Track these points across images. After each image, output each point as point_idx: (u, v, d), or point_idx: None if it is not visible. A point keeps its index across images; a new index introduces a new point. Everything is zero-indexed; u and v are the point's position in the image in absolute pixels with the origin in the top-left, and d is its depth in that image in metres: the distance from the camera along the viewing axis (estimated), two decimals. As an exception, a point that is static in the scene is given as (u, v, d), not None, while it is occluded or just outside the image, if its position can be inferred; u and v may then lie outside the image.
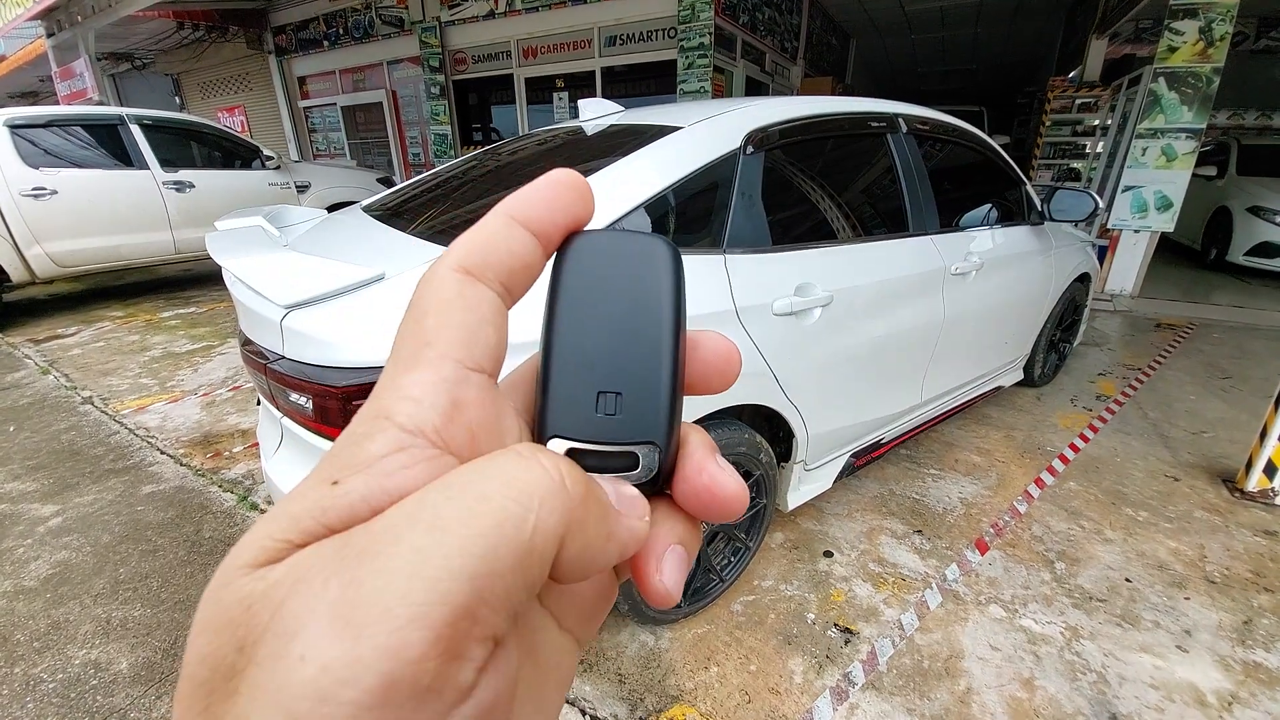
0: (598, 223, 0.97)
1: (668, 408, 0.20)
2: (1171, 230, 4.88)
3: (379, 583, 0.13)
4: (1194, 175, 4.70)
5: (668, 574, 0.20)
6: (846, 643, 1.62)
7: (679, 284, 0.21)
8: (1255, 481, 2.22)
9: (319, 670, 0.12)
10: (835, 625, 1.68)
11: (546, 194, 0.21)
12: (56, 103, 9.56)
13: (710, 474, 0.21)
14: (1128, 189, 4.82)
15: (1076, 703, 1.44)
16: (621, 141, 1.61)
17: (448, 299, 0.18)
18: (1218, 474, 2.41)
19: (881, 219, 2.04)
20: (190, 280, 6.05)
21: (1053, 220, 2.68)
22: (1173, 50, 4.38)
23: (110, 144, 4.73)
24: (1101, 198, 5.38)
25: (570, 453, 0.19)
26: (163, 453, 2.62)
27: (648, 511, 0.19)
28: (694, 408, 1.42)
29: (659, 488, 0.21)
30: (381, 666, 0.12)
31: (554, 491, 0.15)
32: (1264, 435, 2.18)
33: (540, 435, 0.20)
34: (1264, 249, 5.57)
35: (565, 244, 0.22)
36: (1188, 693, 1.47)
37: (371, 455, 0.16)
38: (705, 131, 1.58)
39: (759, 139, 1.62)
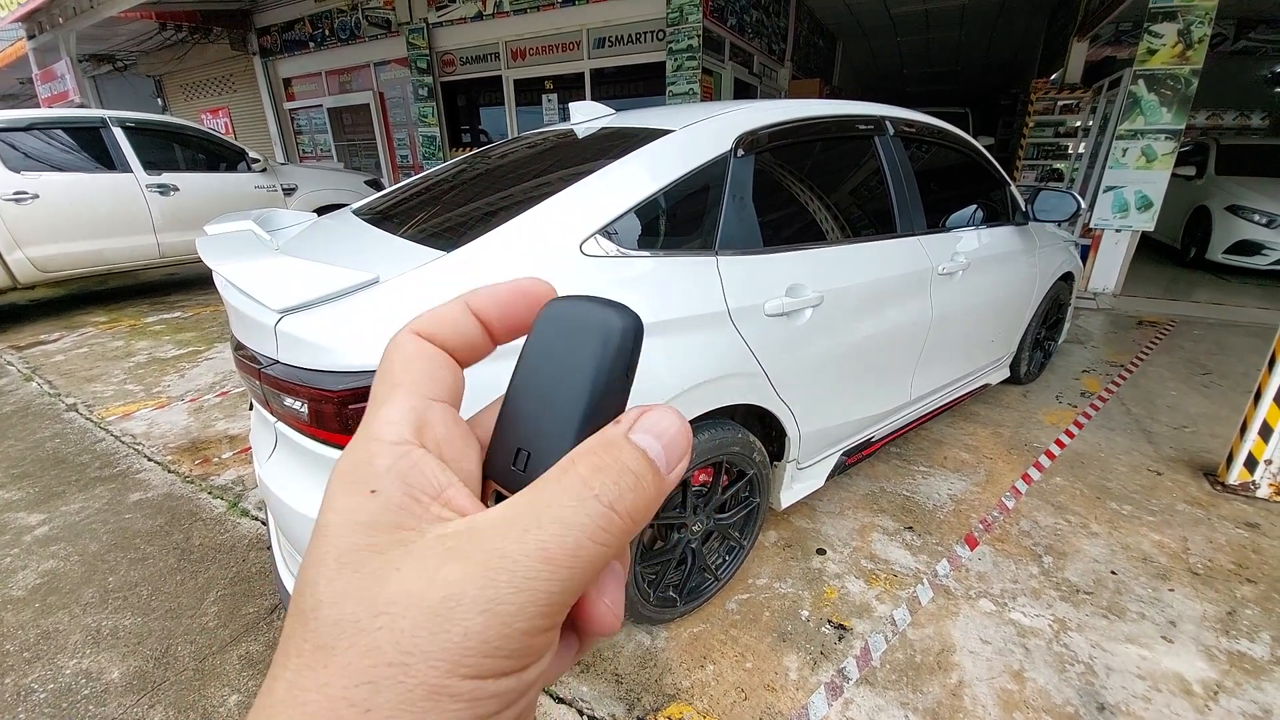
0: (594, 225, 0.98)
1: None
2: (1152, 229, 4.97)
3: (511, 595, 0.17)
4: (1173, 175, 4.80)
5: (609, 595, 0.21)
6: (840, 639, 1.64)
7: (620, 357, 0.22)
8: (1236, 475, 2.27)
9: (464, 634, 0.17)
10: (829, 622, 1.70)
11: (504, 298, 0.25)
12: (37, 105, 9.41)
13: (591, 600, 0.21)
14: (1109, 189, 4.91)
15: (1065, 693, 1.47)
16: (613, 145, 1.62)
17: (409, 353, 0.23)
18: (1199, 468, 2.46)
19: (870, 220, 2.07)
20: (175, 284, 5.98)
21: (1036, 220, 2.73)
22: (1152, 52, 4.47)
23: (92, 147, 4.66)
24: (1083, 198, 5.48)
25: (496, 495, 0.23)
26: (150, 460, 2.59)
27: (689, 442, 0.22)
28: (686, 408, 1.43)
29: None
30: (501, 632, 0.17)
31: (630, 532, 0.19)
32: (1244, 429, 2.23)
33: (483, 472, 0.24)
34: (1242, 247, 5.68)
35: (544, 307, 0.24)
36: (1174, 682, 1.50)
37: (381, 467, 0.20)
38: (696, 135, 1.59)
39: (749, 142, 1.64)
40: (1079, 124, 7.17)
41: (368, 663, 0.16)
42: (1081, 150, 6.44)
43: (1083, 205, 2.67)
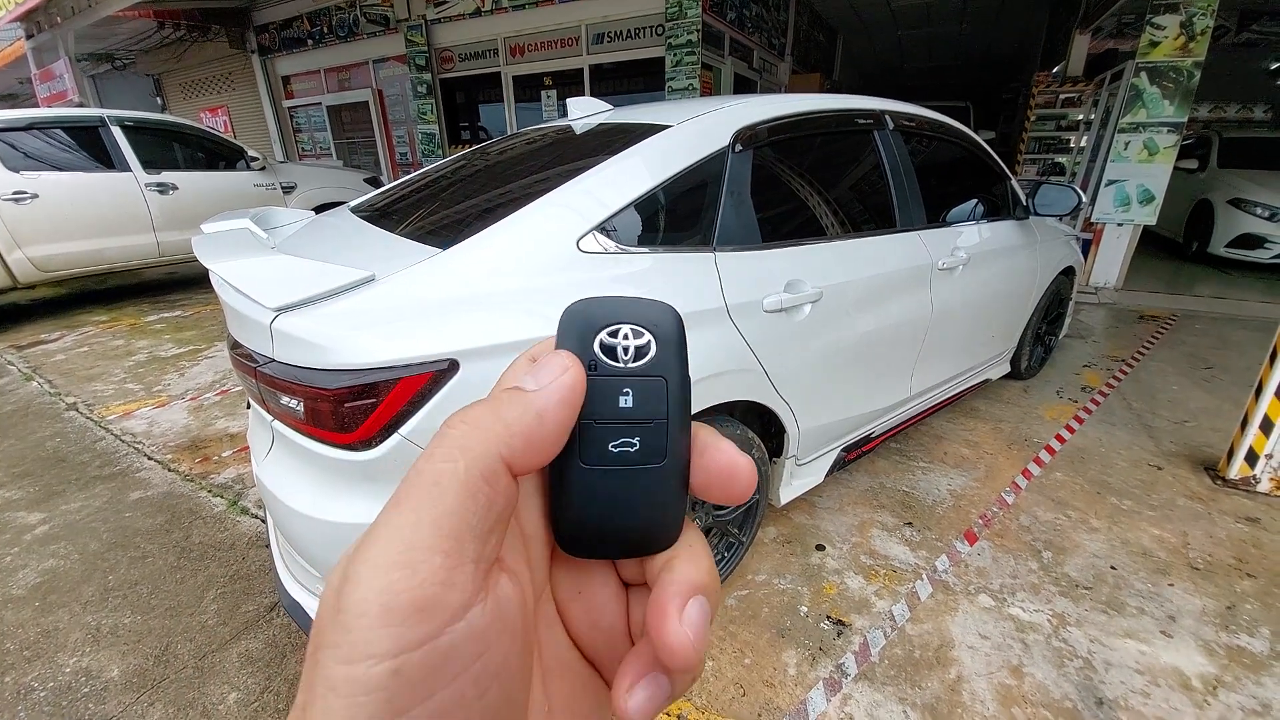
0: (592, 221, 0.98)
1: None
2: (1154, 223, 4.95)
3: (371, 550, 0.17)
4: (1176, 168, 4.77)
5: (691, 620, 0.21)
6: (839, 634, 1.64)
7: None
8: (1237, 469, 2.26)
9: (344, 613, 0.16)
10: (828, 618, 1.70)
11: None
12: (36, 105, 9.41)
13: (721, 450, 0.23)
14: (1111, 183, 4.89)
15: (1064, 688, 1.47)
16: (611, 140, 1.62)
17: (520, 364, 0.23)
18: (1200, 462, 2.46)
19: (869, 215, 2.06)
20: (174, 283, 5.98)
21: (1037, 215, 2.71)
22: (1154, 45, 4.44)
23: (91, 146, 4.66)
24: (1085, 192, 5.45)
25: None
26: (150, 458, 2.59)
27: (568, 365, 0.22)
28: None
29: (670, 465, 0.23)
30: (380, 599, 0.16)
31: (468, 434, 0.19)
32: (1245, 424, 2.23)
33: None
34: (1245, 240, 5.66)
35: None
36: (1173, 677, 1.50)
37: None
38: (694, 130, 1.58)
39: (748, 137, 1.63)
40: (1081, 117, 7.12)
41: (330, 641, 0.17)
42: (1083, 144, 6.40)
43: (1083, 199, 2.65)
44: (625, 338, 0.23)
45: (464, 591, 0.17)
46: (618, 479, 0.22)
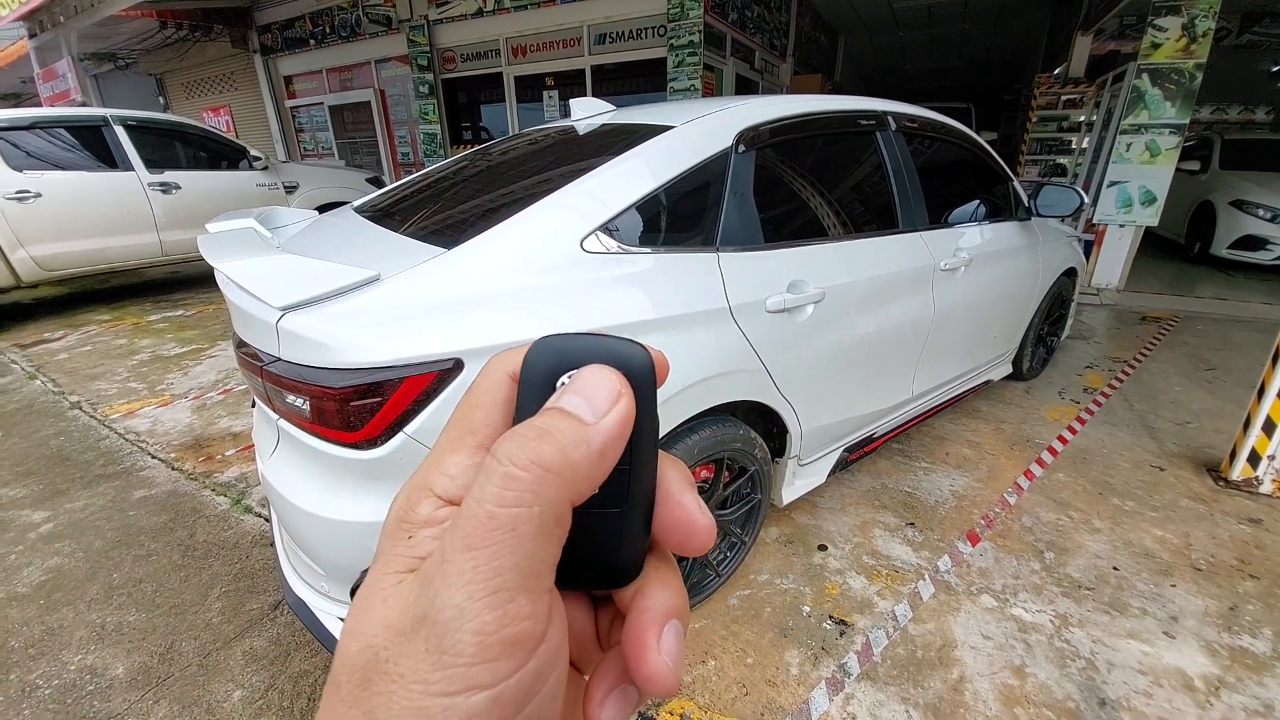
0: (595, 221, 0.98)
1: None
2: (1156, 224, 4.95)
3: (451, 593, 0.17)
4: (1177, 170, 4.77)
5: (667, 648, 0.21)
6: (841, 634, 1.64)
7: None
8: (1239, 470, 2.26)
9: (439, 654, 0.17)
10: (830, 617, 1.70)
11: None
12: (39, 104, 9.43)
13: (683, 507, 0.23)
14: (1113, 184, 4.89)
15: (1066, 689, 1.47)
16: (614, 141, 1.62)
17: (497, 400, 0.22)
18: (1202, 463, 2.46)
19: (872, 216, 2.06)
20: (177, 283, 5.99)
21: (1039, 216, 2.72)
22: (1156, 46, 4.44)
23: (94, 146, 4.67)
24: (1087, 193, 5.45)
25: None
26: (154, 457, 2.60)
27: (620, 388, 0.21)
28: (687, 405, 1.43)
29: (633, 511, 0.23)
30: (474, 640, 0.17)
31: (541, 479, 0.19)
32: (1248, 425, 2.23)
33: None
34: (1247, 242, 5.66)
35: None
36: (1175, 678, 1.50)
37: (421, 517, 0.21)
38: (697, 131, 1.59)
39: (750, 138, 1.63)
40: (1082, 119, 7.12)
41: (363, 693, 0.17)
42: (1085, 145, 6.41)
43: (1085, 200, 2.66)
44: None
45: (544, 621, 0.18)
46: (578, 522, 0.21)
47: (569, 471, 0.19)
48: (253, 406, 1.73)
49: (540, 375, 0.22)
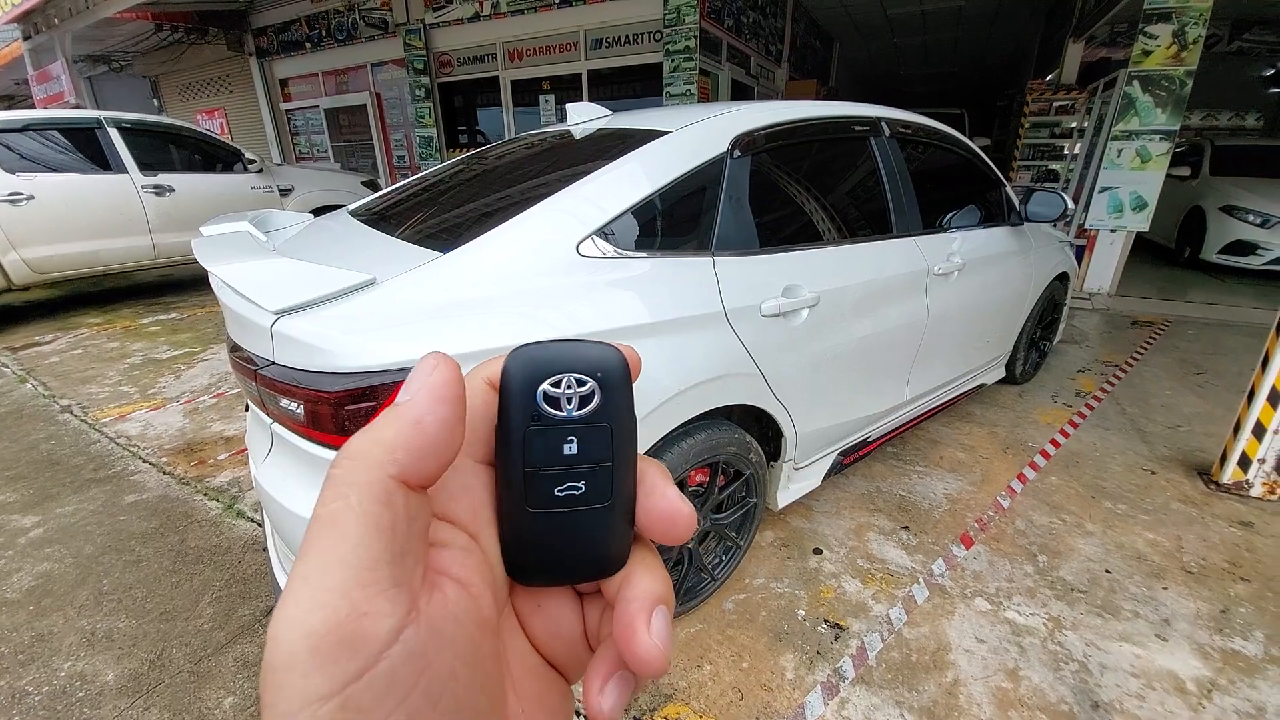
0: (591, 226, 0.99)
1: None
2: (1147, 230, 5.00)
3: (289, 602, 0.17)
4: (1168, 176, 4.82)
5: (657, 631, 0.22)
6: (836, 638, 1.64)
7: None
8: (1230, 474, 2.28)
9: (272, 672, 0.16)
10: (825, 621, 1.70)
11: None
12: (33, 106, 9.38)
13: (666, 497, 0.24)
14: (1104, 190, 4.93)
15: (1060, 692, 1.47)
16: (610, 146, 1.63)
17: (475, 406, 0.23)
18: (1193, 467, 2.47)
19: (866, 221, 2.07)
20: (170, 286, 5.96)
21: (1029, 221, 2.74)
22: (1147, 54, 4.49)
23: (88, 148, 4.65)
24: (1079, 199, 5.50)
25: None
26: (145, 461, 2.58)
27: (436, 364, 0.21)
28: (683, 409, 1.43)
29: (615, 500, 0.23)
30: (305, 643, 0.16)
31: (350, 469, 0.19)
32: (1238, 428, 2.25)
33: None
34: (1236, 247, 5.71)
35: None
36: (1168, 680, 1.51)
37: None
38: (693, 136, 1.60)
39: (746, 143, 1.64)
40: (1074, 125, 7.20)
41: (267, 684, 0.17)
42: (1077, 151, 6.47)
43: (1070, 206, 2.68)
44: (568, 387, 0.22)
45: (391, 616, 0.17)
46: (565, 519, 0.23)
47: (378, 450, 0.19)
48: (246, 411, 1.72)
49: (519, 382, 0.23)
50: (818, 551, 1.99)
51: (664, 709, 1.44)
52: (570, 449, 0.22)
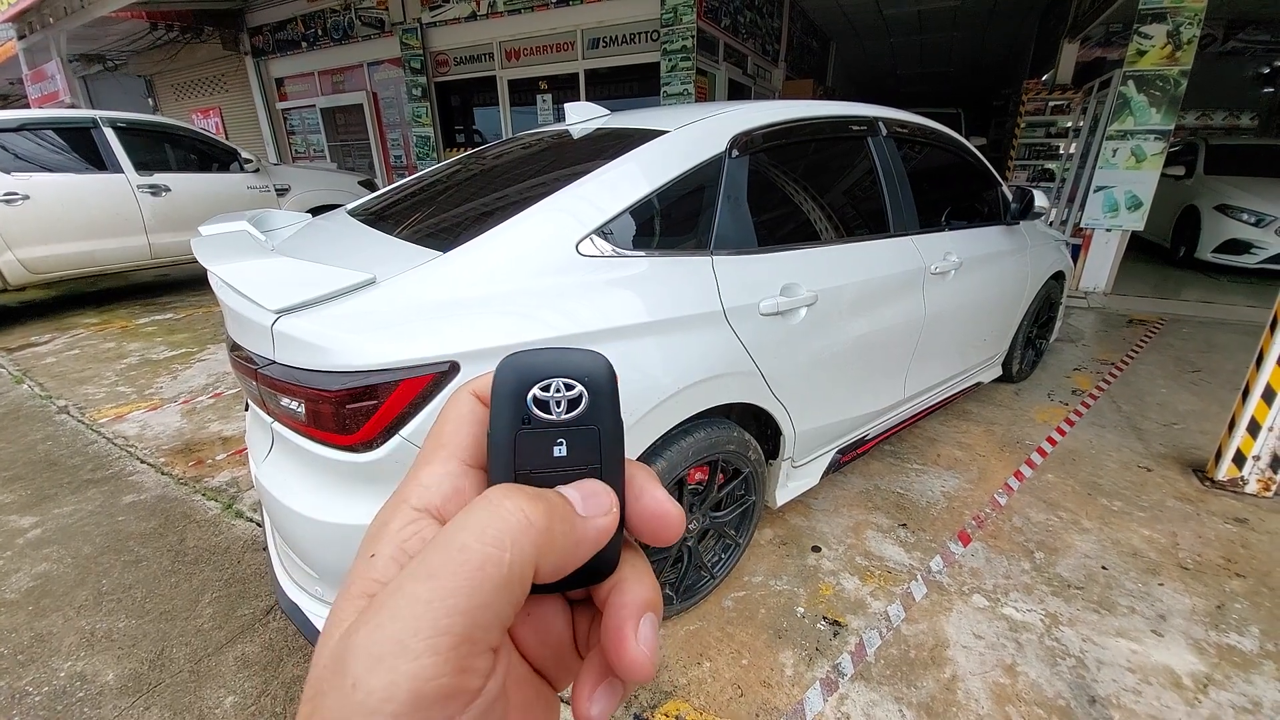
0: (590, 225, 0.99)
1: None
2: (1142, 229, 5.02)
3: (396, 626, 0.17)
4: (1163, 175, 4.84)
5: (644, 638, 0.22)
6: (835, 635, 1.65)
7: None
8: (1225, 471, 2.30)
9: (365, 694, 0.16)
10: (824, 618, 1.71)
11: None
12: (28, 106, 9.34)
13: (655, 498, 0.25)
14: (1099, 189, 4.95)
15: (1057, 687, 1.49)
16: (608, 145, 1.63)
17: (463, 414, 0.24)
18: (1189, 464, 2.49)
19: (863, 220, 2.08)
20: (166, 286, 5.94)
21: (1014, 220, 2.73)
22: (1142, 54, 4.51)
23: (83, 147, 4.63)
24: (1075, 198, 5.53)
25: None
26: (143, 462, 2.58)
27: (613, 505, 0.23)
28: (682, 407, 1.44)
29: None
30: (409, 685, 0.16)
31: (523, 529, 0.19)
32: (1232, 426, 2.26)
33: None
34: (1231, 246, 5.74)
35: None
36: (1164, 675, 1.52)
37: (392, 530, 0.21)
38: (691, 135, 1.60)
39: (743, 142, 1.65)
40: (1070, 124, 7.22)
41: (340, 716, 0.17)
42: (1072, 151, 6.49)
43: (1038, 201, 2.67)
44: (557, 391, 0.23)
45: (483, 676, 0.18)
46: None
47: (547, 537, 0.20)
48: (245, 410, 1.72)
49: (510, 387, 0.23)
50: (816, 549, 2.00)
51: (664, 706, 1.45)
52: (560, 451, 0.23)
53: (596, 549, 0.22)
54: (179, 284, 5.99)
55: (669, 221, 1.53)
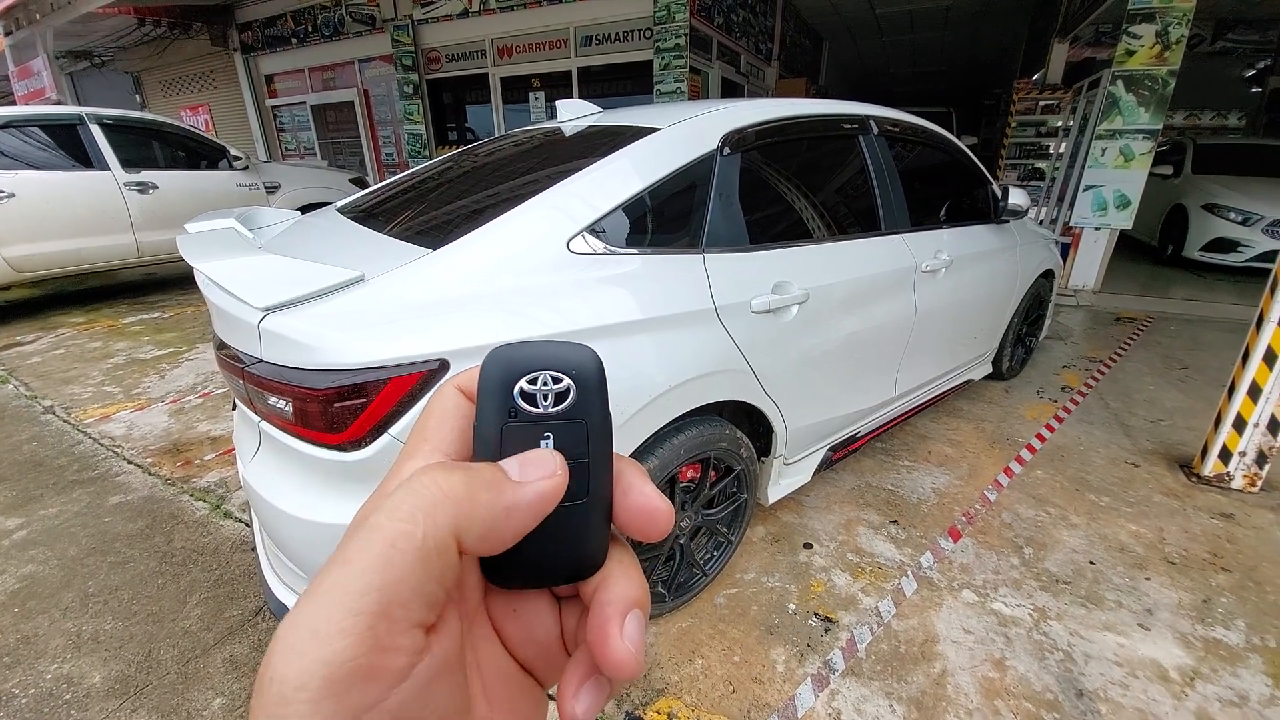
0: (582, 222, 0.99)
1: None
2: (1130, 228, 5.06)
3: (308, 614, 0.17)
4: (1151, 174, 4.89)
5: (630, 635, 0.22)
6: (827, 631, 1.66)
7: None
8: (1211, 466, 2.32)
9: (280, 684, 0.16)
10: (816, 614, 1.71)
11: None
12: (14, 103, 9.20)
13: (644, 494, 0.24)
14: (1088, 188, 4.99)
15: (1045, 680, 1.50)
16: (600, 143, 1.63)
17: (447, 408, 0.24)
18: (1175, 460, 2.52)
19: (855, 218, 2.09)
20: (154, 285, 5.88)
21: (1001, 219, 2.74)
22: (1130, 53, 4.55)
23: (69, 145, 4.57)
24: (1064, 197, 5.57)
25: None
26: (130, 462, 2.55)
27: (558, 469, 0.22)
28: (674, 405, 1.44)
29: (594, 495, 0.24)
30: (323, 671, 0.16)
31: (437, 501, 0.19)
32: (1219, 422, 2.29)
33: None
34: (1218, 244, 5.80)
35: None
36: (1150, 669, 1.54)
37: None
38: (683, 133, 1.60)
39: (735, 140, 1.65)
40: (1060, 124, 7.27)
41: (263, 713, 0.16)
42: (1062, 150, 6.54)
43: (1000, 197, 2.69)
44: (544, 384, 0.23)
45: (409, 654, 0.17)
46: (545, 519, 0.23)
47: (468, 506, 0.19)
48: (233, 409, 1.71)
49: (496, 381, 0.23)
50: (808, 546, 2.00)
51: (656, 703, 1.45)
52: (547, 444, 0.23)
53: (537, 514, 0.21)
54: (167, 283, 5.93)
55: (661, 219, 1.53)
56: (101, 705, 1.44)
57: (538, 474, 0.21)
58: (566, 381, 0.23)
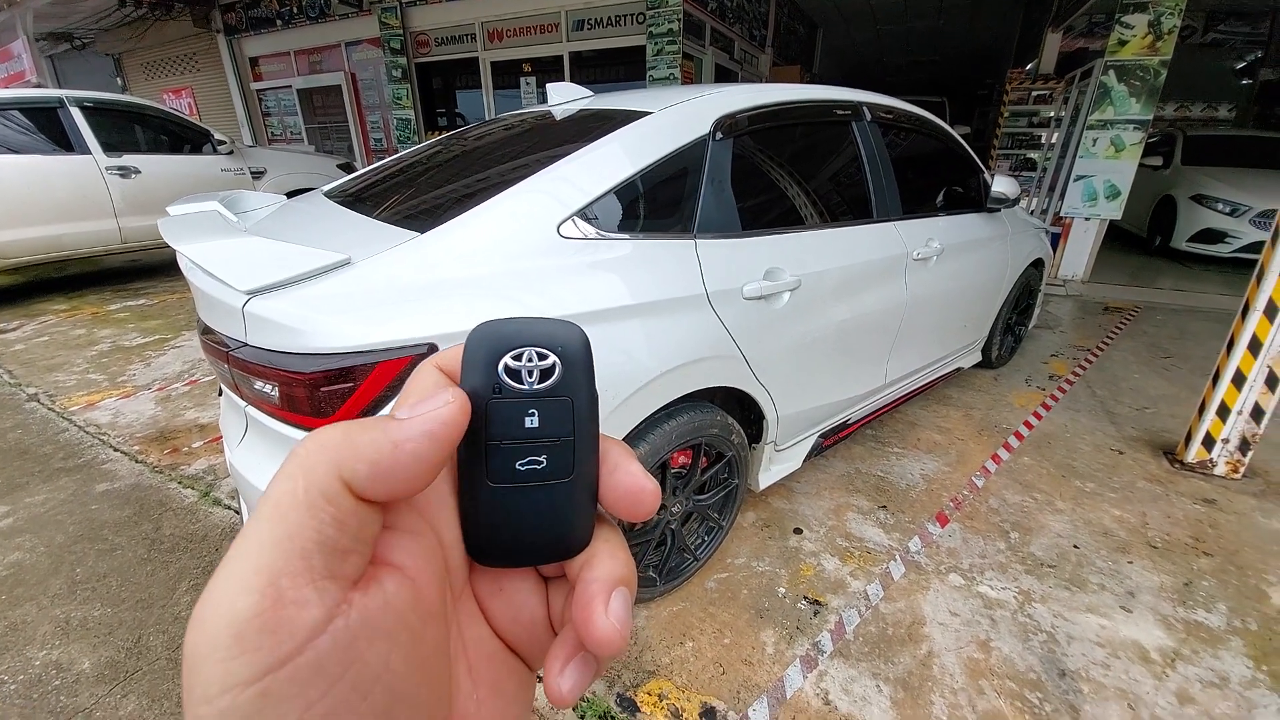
0: (572, 207, 0.98)
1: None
2: (1119, 218, 5.10)
3: (215, 583, 0.17)
4: (1141, 165, 4.91)
5: (615, 612, 0.22)
6: (815, 614, 1.68)
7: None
8: (1194, 453, 2.36)
9: (192, 648, 0.16)
10: (805, 598, 1.73)
11: None
12: (-13, 83, 8.98)
13: (630, 473, 0.24)
14: (1079, 178, 5.01)
15: (1029, 661, 1.53)
16: (591, 127, 1.61)
17: (427, 386, 0.23)
18: (1159, 447, 2.55)
19: (847, 205, 2.08)
20: (138, 271, 5.79)
21: (989, 209, 2.75)
22: (1123, 43, 4.55)
23: (49, 128, 4.46)
24: (1055, 187, 5.59)
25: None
26: (116, 450, 2.52)
27: (451, 399, 0.21)
28: (665, 391, 1.44)
29: (577, 473, 0.23)
30: (230, 630, 0.16)
31: (314, 452, 0.19)
32: (1202, 410, 2.32)
33: None
34: (1206, 235, 5.85)
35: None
36: (1132, 650, 1.57)
37: None
38: (675, 117, 1.58)
39: (728, 125, 1.63)
40: (1052, 114, 7.27)
41: (185, 684, 0.17)
42: (1054, 140, 6.55)
43: (999, 187, 2.69)
44: (530, 360, 0.23)
45: (320, 607, 0.17)
46: (526, 495, 0.23)
47: (348, 448, 0.19)
48: (220, 396, 1.69)
49: (482, 355, 0.23)
50: (798, 531, 2.02)
51: (647, 685, 1.47)
52: (532, 422, 0.23)
53: (433, 442, 0.20)
54: (152, 269, 5.84)
55: (652, 204, 1.52)
56: (91, 691, 1.44)
57: (425, 408, 0.21)
58: (552, 358, 0.23)
